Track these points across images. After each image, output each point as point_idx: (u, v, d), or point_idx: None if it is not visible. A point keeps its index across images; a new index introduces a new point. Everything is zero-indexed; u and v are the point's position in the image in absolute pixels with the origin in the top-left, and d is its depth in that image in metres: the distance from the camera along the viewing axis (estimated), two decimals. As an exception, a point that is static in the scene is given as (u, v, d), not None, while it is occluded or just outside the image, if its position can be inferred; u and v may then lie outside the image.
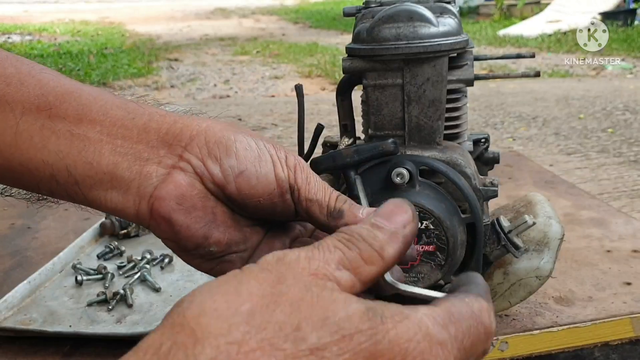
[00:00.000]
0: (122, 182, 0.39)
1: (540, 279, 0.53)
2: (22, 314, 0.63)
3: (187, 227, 0.39)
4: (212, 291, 0.25)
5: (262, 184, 0.39)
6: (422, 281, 0.49)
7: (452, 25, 0.49)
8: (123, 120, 0.39)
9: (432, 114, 0.50)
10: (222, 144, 0.39)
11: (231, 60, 5.54)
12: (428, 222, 0.47)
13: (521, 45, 5.66)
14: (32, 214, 0.94)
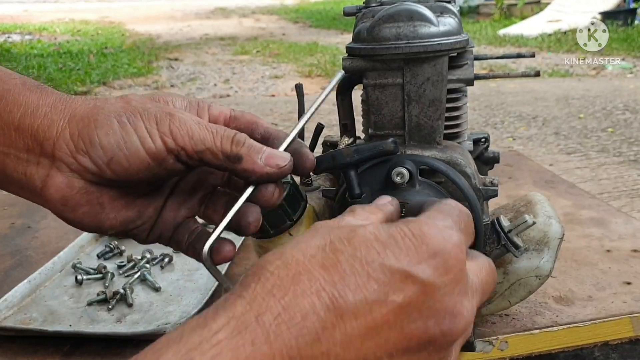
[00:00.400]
0: (14, 181, 0.41)
1: (540, 278, 0.53)
2: (22, 313, 0.63)
3: (78, 222, 0.40)
4: None
5: (135, 162, 0.38)
6: None
7: (452, 25, 0.49)
8: (1, 113, 0.40)
9: (432, 113, 0.50)
10: (85, 135, 0.38)
11: (231, 59, 5.54)
12: None
13: (521, 45, 5.66)
14: (32, 214, 0.94)
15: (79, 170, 0.39)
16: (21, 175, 0.40)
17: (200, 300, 0.63)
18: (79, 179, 0.39)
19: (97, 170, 0.39)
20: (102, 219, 0.41)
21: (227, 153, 0.39)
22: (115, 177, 0.39)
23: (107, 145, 0.38)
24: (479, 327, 0.57)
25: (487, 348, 0.56)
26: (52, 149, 0.39)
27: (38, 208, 0.96)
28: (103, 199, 0.40)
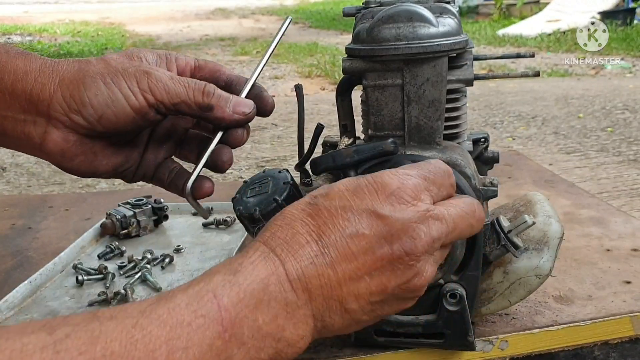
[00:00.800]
0: (14, 140, 0.47)
1: (540, 277, 0.53)
2: (23, 314, 0.63)
3: (76, 170, 0.48)
4: None
5: (122, 118, 0.45)
6: None
7: (451, 26, 0.49)
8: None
9: (431, 114, 0.50)
10: (76, 96, 0.45)
11: (231, 60, 5.54)
12: None
13: (520, 45, 5.66)
14: (32, 214, 0.95)
15: (73, 126, 0.45)
16: (20, 134, 0.46)
17: (201, 300, 0.63)
18: (73, 133, 0.46)
19: (89, 126, 0.45)
20: (96, 166, 0.48)
21: (199, 104, 0.46)
22: (105, 130, 0.46)
23: (97, 104, 0.45)
24: (479, 327, 0.57)
25: (487, 347, 0.56)
26: (47, 110, 0.45)
27: (39, 209, 0.95)
28: (95, 149, 0.47)
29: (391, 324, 0.52)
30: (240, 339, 0.34)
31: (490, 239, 0.52)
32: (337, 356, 0.54)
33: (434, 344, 0.53)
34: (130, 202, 0.86)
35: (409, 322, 0.52)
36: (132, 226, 0.83)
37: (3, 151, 2.53)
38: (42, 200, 1.03)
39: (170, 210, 0.89)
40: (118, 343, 0.31)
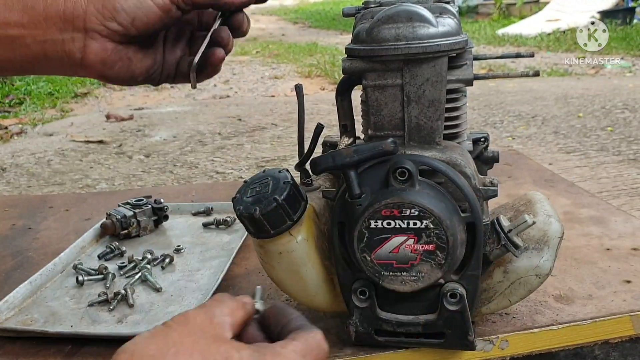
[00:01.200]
0: (56, 62, 0.52)
1: (540, 277, 0.53)
2: (23, 314, 0.63)
3: (116, 77, 0.54)
4: (146, 342, 0.34)
5: (151, 17, 0.51)
6: (422, 280, 0.49)
7: (451, 26, 0.49)
8: (27, 12, 0.50)
9: (431, 114, 0.50)
10: (108, 6, 0.50)
11: (231, 60, 5.53)
12: (428, 222, 0.47)
13: (520, 45, 5.66)
14: (33, 215, 0.95)
15: (109, 34, 0.51)
16: (62, 54, 0.51)
17: (201, 300, 0.63)
18: (110, 42, 0.52)
19: (124, 31, 0.51)
20: (132, 70, 0.54)
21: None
22: (138, 33, 0.52)
23: (128, 8, 0.50)
24: (479, 326, 0.57)
25: (488, 347, 0.56)
26: (83, 24, 0.50)
27: (39, 209, 0.95)
28: (129, 54, 0.53)
29: (391, 324, 0.52)
30: None
31: (491, 238, 0.52)
32: (337, 356, 0.54)
33: (434, 344, 0.53)
34: (130, 202, 0.86)
35: (409, 322, 0.52)
36: (132, 226, 0.83)
37: (3, 151, 2.53)
38: (42, 200, 1.03)
39: (171, 210, 0.89)
40: None
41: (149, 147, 2.55)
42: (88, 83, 4.30)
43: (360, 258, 0.49)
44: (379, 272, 0.49)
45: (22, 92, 3.84)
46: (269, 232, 0.50)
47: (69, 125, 3.01)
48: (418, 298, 0.52)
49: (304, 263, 0.53)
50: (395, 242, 0.48)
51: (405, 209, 0.47)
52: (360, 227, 0.48)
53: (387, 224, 0.48)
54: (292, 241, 0.52)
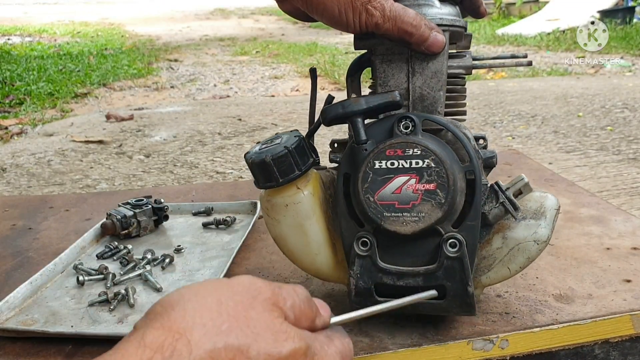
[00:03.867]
0: None
1: (539, 243, 0.54)
2: (23, 314, 0.63)
3: None
4: (199, 302, 0.32)
5: None
6: (423, 220, 0.50)
7: (452, 9, 0.56)
8: None
9: (434, 84, 0.54)
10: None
11: (231, 60, 5.54)
12: (429, 160, 0.49)
13: (520, 44, 5.66)
14: (33, 215, 0.95)
15: None
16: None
17: (202, 300, 0.63)
18: None
19: None
20: None
21: (401, 38, 0.53)
22: None
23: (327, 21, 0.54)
24: (479, 326, 0.57)
25: (488, 346, 0.56)
26: None
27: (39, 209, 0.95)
28: None
29: (391, 275, 0.53)
30: None
31: (489, 198, 0.54)
32: (338, 355, 0.54)
33: (435, 305, 0.53)
34: (130, 202, 0.86)
35: (409, 272, 0.52)
36: (132, 226, 0.83)
37: (3, 152, 2.53)
38: (43, 200, 1.03)
39: (171, 210, 0.89)
40: None
41: (149, 147, 2.55)
42: (88, 83, 4.30)
43: (364, 199, 0.51)
44: (381, 213, 0.50)
45: (22, 92, 3.84)
46: (277, 179, 0.52)
47: (69, 126, 3.01)
48: (419, 250, 0.52)
49: (309, 216, 0.54)
50: (397, 182, 0.50)
51: (409, 148, 0.50)
52: (365, 167, 0.50)
53: (390, 164, 0.50)
54: (299, 193, 0.54)
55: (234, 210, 0.91)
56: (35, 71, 4.56)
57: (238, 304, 0.33)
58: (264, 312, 0.33)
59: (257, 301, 0.34)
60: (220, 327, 0.31)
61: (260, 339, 0.32)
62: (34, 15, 10.99)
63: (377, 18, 0.51)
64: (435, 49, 0.53)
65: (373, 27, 0.52)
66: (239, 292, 0.33)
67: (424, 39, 0.52)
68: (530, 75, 4.20)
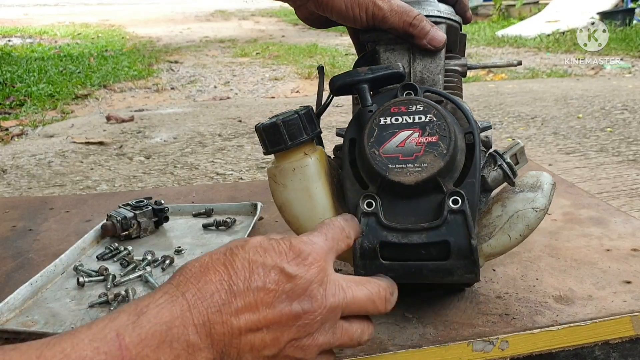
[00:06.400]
0: None
1: (537, 211, 0.55)
2: (24, 315, 0.63)
3: None
4: None
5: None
6: (425, 170, 0.51)
7: (448, 8, 0.63)
8: None
9: (433, 68, 0.60)
10: None
11: (231, 62, 5.54)
12: (431, 115, 0.53)
13: (520, 46, 5.66)
14: (33, 216, 0.95)
15: None
16: None
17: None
18: None
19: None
20: None
21: (406, 32, 0.59)
22: None
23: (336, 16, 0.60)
24: (479, 327, 0.57)
25: (488, 347, 0.56)
26: None
27: (39, 211, 0.96)
28: None
29: (396, 231, 0.53)
30: None
31: (487, 163, 0.57)
32: (338, 356, 0.54)
33: (439, 267, 0.52)
34: (130, 203, 0.86)
35: (414, 229, 0.52)
36: (132, 228, 0.83)
37: (4, 153, 2.54)
38: (43, 202, 1.03)
39: (171, 211, 0.89)
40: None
41: (149, 149, 2.55)
42: (88, 85, 4.31)
43: (369, 153, 0.53)
44: (385, 165, 0.52)
45: (22, 93, 3.84)
46: (286, 142, 0.55)
47: (70, 127, 3.01)
48: (422, 207, 0.53)
49: (315, 180, 0.56)
50: (401, 137, 0.53)
51: (412, 105, 0.53)
52: (371, 124, 0.53)
53: (394, 119, 0.53)
54: (306, 158, 0.56)
55: (234, 211, 0.91)
56: (36, 73, 4.57)
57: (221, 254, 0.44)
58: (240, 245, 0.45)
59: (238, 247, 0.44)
60: (211, 255, 0.44)
61: (234, 245, 0.45)
62: (34, 16, 11.00)
63: (385, 11, 0.57)
64: (436, 43, 0.58)
65: (380, 20, 0.57)
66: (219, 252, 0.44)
67: (425, 32, 0.57)
68: (530, 76, 4.20)
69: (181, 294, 0.40)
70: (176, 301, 0.39)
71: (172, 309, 0.39)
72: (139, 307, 0.38)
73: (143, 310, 0.38)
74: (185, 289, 0.40)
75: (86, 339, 0.36)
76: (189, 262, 0.43)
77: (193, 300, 0.39)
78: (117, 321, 0.37)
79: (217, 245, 0.80)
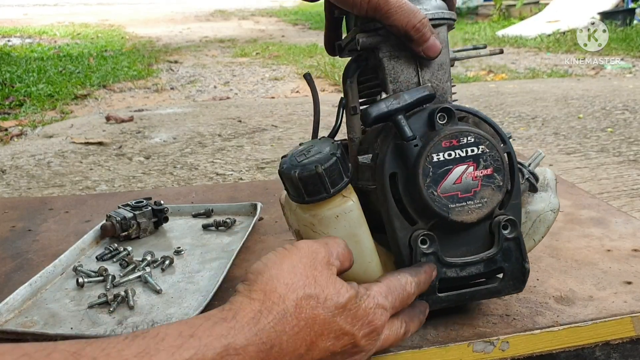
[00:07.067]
0: None
1: (554, 212, 0.58)
2: (23, 316, 0.63)
3: None
4: (278, 269, 0.44)
5: None
6: (486, 205, 0.51)
7: (443, 4, 0.58)
8: None
9: (441, 76, 0.56)
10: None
11: (231, 62, 5.54)
12: (484, 146, 0.50)
13: (520, 46, 5.66)
14: (32, 217, 0.95)
15: None
16: None
17: (201, 302, 0.63)
18: None
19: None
20: None
21: (405, 34, 0.54)
22: None
23: None
24: (480, 328, 0.57)
25: (488, 348, 0.56)
26: None
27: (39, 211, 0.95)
28: None
29: (456, 267, 0.53)
30: None
31: None
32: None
33: (491, 290, 0.54)
34: (130, 204, 0.86)
35: (472, 262, 0.53)
36: (132, 228, 0.83)
37: (3, 153, 2.53)
38: (42, 202, 1.03)
39: (170, 212, 0.89)
40: None
41: (149, 149, 2.55)
42: (88, 85, 4.31)
43: (427, 195, 0.50)
44: (446, 206, 0.50)
45: (22, 93, 3.84)
46: (328, 190, 0.50)
47: (69, 127, 3.01)
48: (471, 237, 0.53)
49: (361, 224, 0.52)
50: (457, 172, 0.50)
51: (463, 137, 0.50)
52: (424, 162, 0.50)
53: (448, 155, 0.50)
54: (347, 201, 0.51)
55: (234, 212, 0.91)
56: (35, 73, 4.56)
57: (305, 266, 0.44)
58: (323, 271, 0.45)
59: (317, 261, 0.45)
60: (298, 284, 0.43)
61: (326, 290, 0.43)
62: (34, 16, 11.00)
63: (390, 6, 0.52)
64: (431, 53, 0.54)
65: (382, 14, 0.52)
66: (304, 256, 0.45)
67: (425, 39, 0.53)
68: (531, 76, 4.20)
69: (271, 345, 0.40)
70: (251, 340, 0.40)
71: None
72: None
73: None
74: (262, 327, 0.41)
75: None
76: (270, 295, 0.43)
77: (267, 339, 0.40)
78: None
79: (216, 246, 0.80)
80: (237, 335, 0.39)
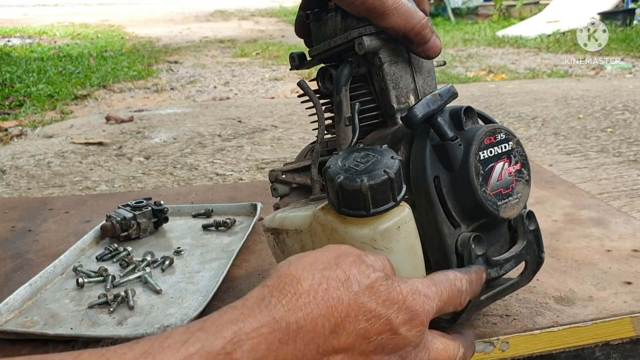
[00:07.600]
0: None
1: None
2: (23, 316, 0.63)
3: None
4: (299, 259, 0.41)
5: None
6: (521, 200, 0.51)
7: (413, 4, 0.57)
8: None
9: (430, 82, 0.57)
10: None
11: (231, 62, 5.54)
12: (512, 143, 0.51)
13: (520, 46, 5.66)
14: (32, 217, 0.95)
15: None
16: None
17: (202, 302, 0.63)
18: None
19: None
20: None
21: (406, 36, 0.53)
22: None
23: None
24: (479, 328, 0.57)
25: (488, 349, 0.56)
26: None
27: (39, 211, 0.95)
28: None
29: (497, 265, 0.51)
30: None
31: None
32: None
33: (514, 284, 0.54)
34: (130, 204, 0.86)
35: (509, 258, 0.52)
36: (132, 228, 0.82)
37: (3, 154, 2.53)
38: (42, 202, 1.03)
39: (170, 212, 0.89)
40: None
41: (149, 149, 2.55)
42: (88, 85, 4.31)
43: (482, 194, 0.48)
44: (495, 204, 0.49)
45: (22, 94, 3.84)
46: (368, 209, 0.44)
47: (69, 127, 3.01)
48: (499, 234, 0.53)
49: (417, 234, 0.48)
50: (498, 170, 0.50)
51: (497, 134, 0.50)
52: (474, 160, 0.48)
53: (489, 152, 0.50)
54: (405, 209, 0.46)
55: (234, 212, 0.91)
56: (35, 73, 4.57)
57: (330, 256, 0.41)
58: (347, 258, 0.41)
59: (344, 254, 0.42)
60: (317, 267, 0.40)
61: (348, 271, 0.40)
62: (33, 17, 11.00)
63: (387, 7, 0.50)
64: (432, 53, 0.53)
65: (377, 15, 0.51)
66: (333, 251, 0.42)
67: (426, 41, 0.52)
68: (531, 77, 4.20)
69: (286, 324, 0.38)
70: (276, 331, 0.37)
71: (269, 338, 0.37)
72: None
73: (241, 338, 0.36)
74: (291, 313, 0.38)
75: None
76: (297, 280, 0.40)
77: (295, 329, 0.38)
78: None
79: (216, 246, 0.80)
80: (247, 319, 0.36)
